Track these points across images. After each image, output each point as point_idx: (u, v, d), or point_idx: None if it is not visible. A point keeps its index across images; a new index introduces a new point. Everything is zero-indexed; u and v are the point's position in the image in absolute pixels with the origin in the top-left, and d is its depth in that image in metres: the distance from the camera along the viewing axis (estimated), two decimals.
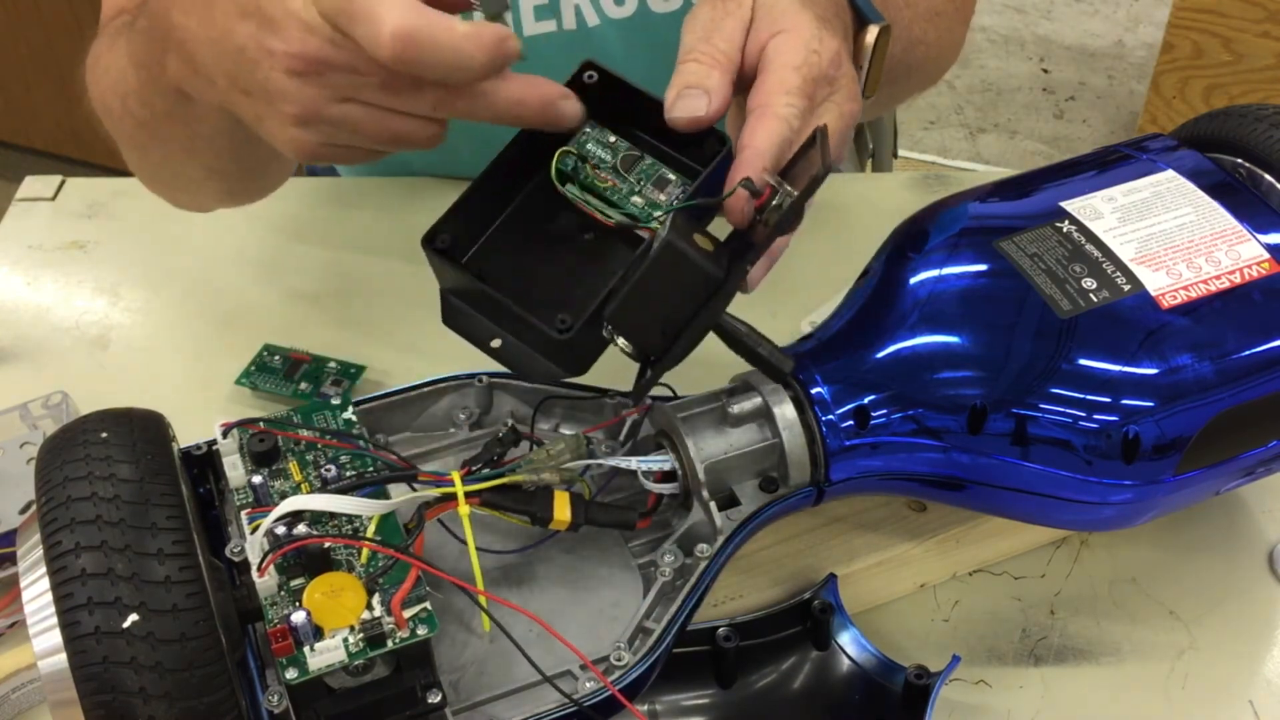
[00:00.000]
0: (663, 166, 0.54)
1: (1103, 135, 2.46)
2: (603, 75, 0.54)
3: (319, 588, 0.48)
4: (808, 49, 0.54)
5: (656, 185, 0.54)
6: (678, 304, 0.49)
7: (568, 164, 0.54)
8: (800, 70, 0.53)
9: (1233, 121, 0.64)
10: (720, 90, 0.53)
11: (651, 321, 0.49)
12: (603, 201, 0.54)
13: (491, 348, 0.54)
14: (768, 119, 0.52)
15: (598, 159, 0.54)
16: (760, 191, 0.50)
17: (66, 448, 0.47)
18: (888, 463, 0.58)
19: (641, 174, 0.54)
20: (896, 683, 0.59)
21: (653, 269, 0.48)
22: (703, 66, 0.53)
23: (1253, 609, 0.66)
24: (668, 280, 0.48)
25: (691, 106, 0.52)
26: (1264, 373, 0.56)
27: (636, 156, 0.54)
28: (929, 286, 0.59)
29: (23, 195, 0.93)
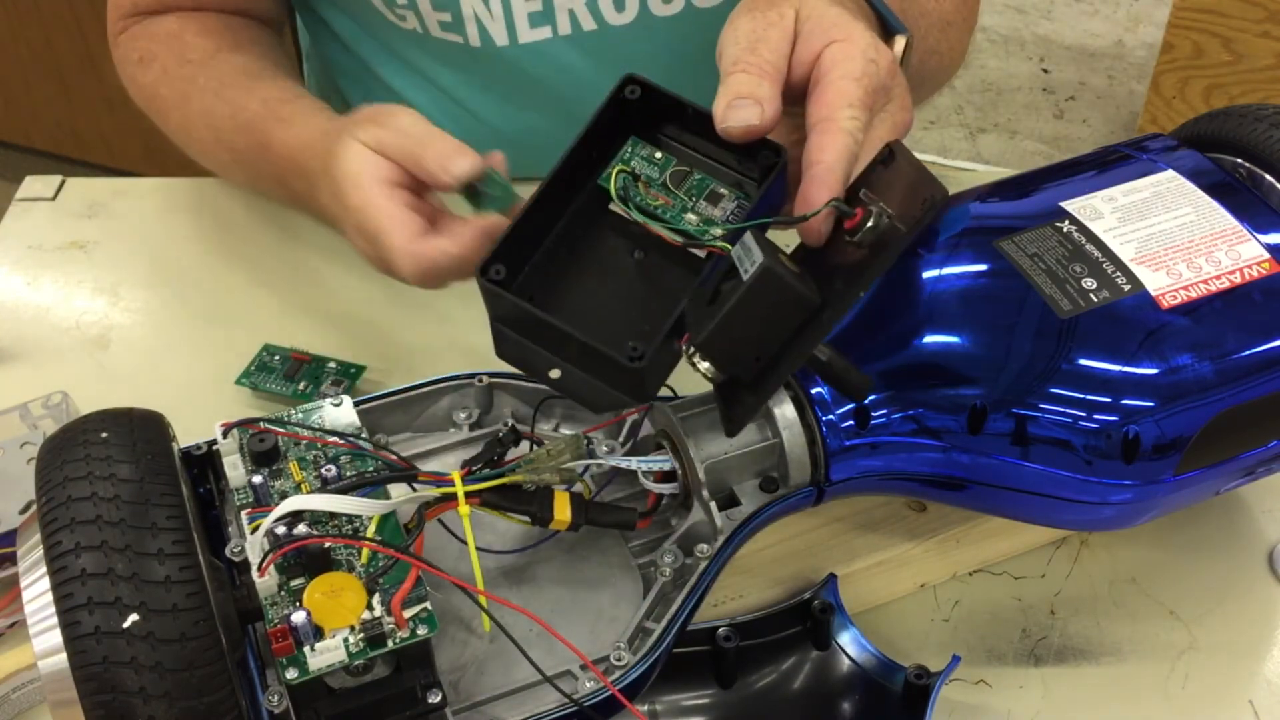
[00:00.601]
0: (713, 181, 0.53)
1: (1103, 135, 2.46)
2: (645, 89, 0.52)
3: (319, 588, 0.48)
4: (865, 58, 0.53)
5: (709, 200, 0.53)
6: (774, 330, 0.47)
7: (621, 183, 0.52)
8: (861, 82, 0.53)
9: (1233, 121, 0.64)
10: (772, 100, 0.52)
11: (745, 348, 0.47)
12: (656, 220, 0.52)
13: (551, 378, 0.52)
14: (834, 133, 0.51)
15: (647, 177, 0.53)
16: (851, 213, 0.49)
17: (66, 448, 0.47)
18: (888, 463, 0.58)
19: (691, 189, 0.53)
20: (896, 683, 0.59)
21: (749, 295, 0.46)
22: (752, 77, 0.52)
23: (1253, 609, 0.66)
24: (765, 305, 0.46)
25: (745, 116, 0.51)
26: (1264, 373, 0.56)
27: (685, 172, 0.53)
28: (929, 287, 0.59)
29: (23, 195, 0.93)
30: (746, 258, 0.47)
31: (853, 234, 0.49)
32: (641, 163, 0.53)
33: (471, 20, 0.83)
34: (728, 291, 0.47)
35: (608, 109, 0.53)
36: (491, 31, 0.83)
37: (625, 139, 0.53)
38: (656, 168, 0.53)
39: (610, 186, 0.52)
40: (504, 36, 0.84)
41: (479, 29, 0.83)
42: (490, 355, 0.54)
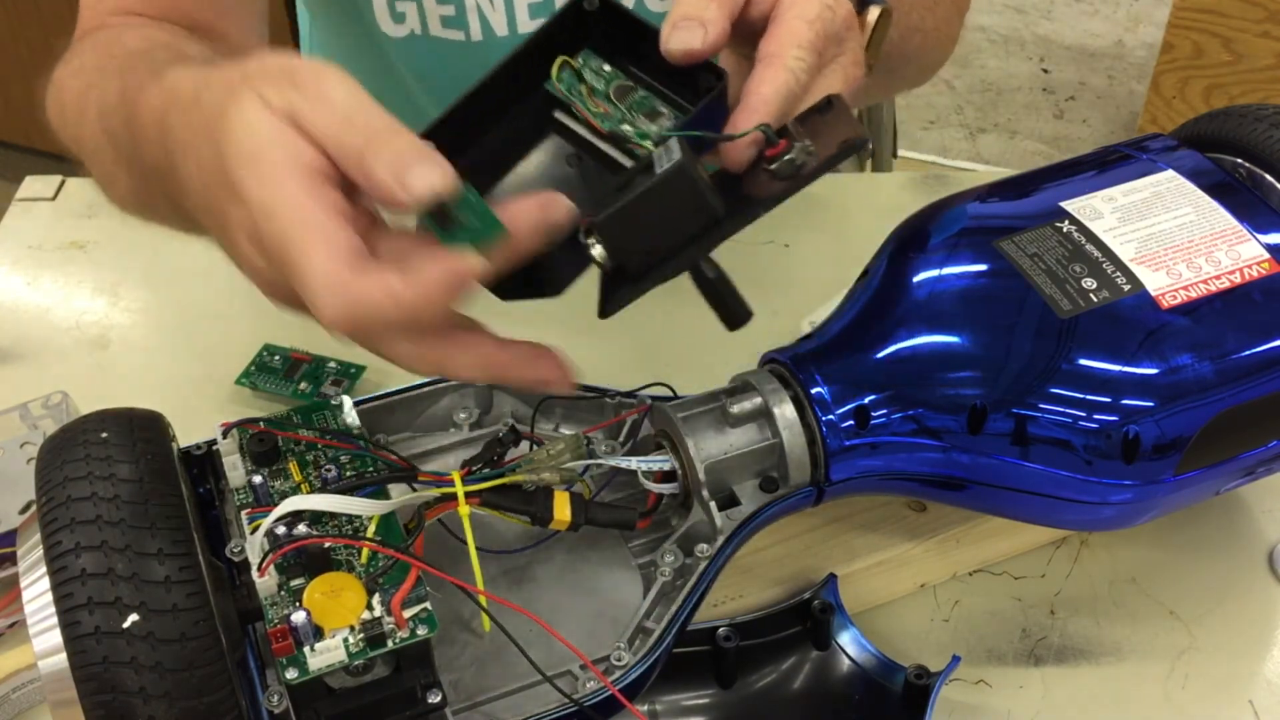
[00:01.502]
0: (655, 99, 0.53)
1: (1103, 135, 2.46)
2: (603, 3, 0.52)
3: (319, 588, 0.48)
4: (822, 4, 0.53)
5: (648, 116, 0.53)
6: (672, 229, 0.47)
7: (564, 80, 0.53)
8: (814, 25, 0.52)
9: (1233, 121, 0.64)
10: (717, 22, 0.51)
11: (640, 239, 0.47)
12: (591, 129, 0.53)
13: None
14: (776, 69, 0.51)
15: (590, 85, 0.53)
16: (775, 141, 0.49)
17: (66, 448, 0.47)
18: (888, 462, 0.58)
19: (634, 104, 0.53)
20: (896, 683, 0.59)
21: (659, 188, 0.46)
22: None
23: (1253, 609, 0.66)
24: (670, 202, 0.46)
25: (686, 39, 0.50)
26: (1264, 373, 0.56)
27: (629, 87, 0.53)
28: (929, 286, 0.59)
29: (23, 195, 0.93)
30: (666, 157, 0.47)
31: (771, 163, 0.50)
32: (590, 73, 0.53)
33: (473, 11, 0.83)
34: (637, 182, 0.47)
35: (564, 17, 0.53)
36: (493, 22, 0.83)
37: (580, 48, 0.54)
38: (603, 79, 0.53)
39: (553, 75, 0.52)
40: (504, 27, 0.84)
41: (480, 20, 0.83)
42: None
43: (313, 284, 0.42)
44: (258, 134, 0.43)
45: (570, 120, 0.53)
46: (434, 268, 0.43)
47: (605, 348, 0.79)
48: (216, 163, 0.45)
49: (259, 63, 0.46)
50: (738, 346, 0.64)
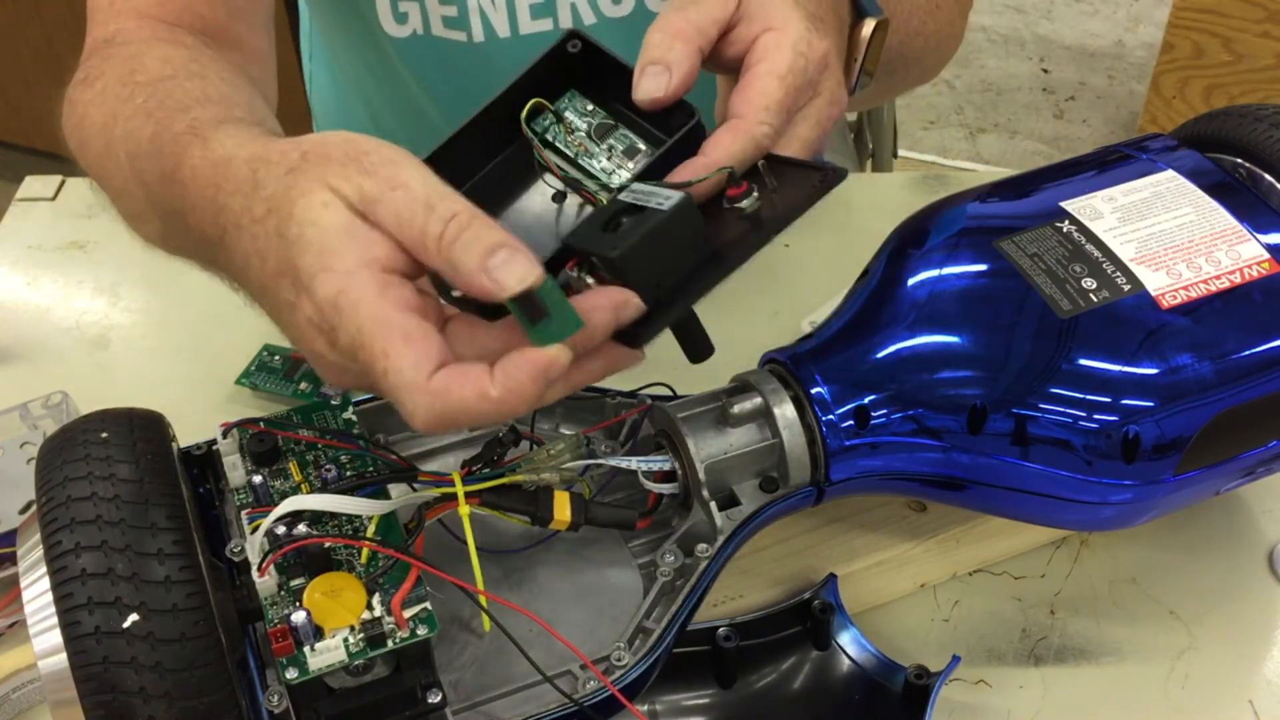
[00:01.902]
0: (635, 137, 0.54)
1: (1103, 135, 2.46)
2: (585, 45, 0.54)
3: (319, 588, 0.48)
4: (795, 52, 0.53)
5: (626, 154, 0.54)
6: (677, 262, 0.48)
7: (542, 124, 0.54)
8: (785, 79, 0.52)
9: (1233, 121, 0.64)
10: (682, 63, 0.52)
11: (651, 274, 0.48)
12: (569, 164, 0.54)
13: (453, 295, 0.52)
14: (739, 134, 0.52)
15: (572, 124, 0.54)
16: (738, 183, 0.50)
17: (66, 448, 0.47)
18: (888, 462, 0.58)
19: (613, 142, 0.54)
20: (896, 683, 0.59)
21: (669, 221, 0.47)
22: (665, 37, 0.52)
23: (1253, 609, 0.66)
24: (677, 235, 0.47)
25: (651, 87, 0.51)
26: (1264, 373, 0.56)
27: (611, 126, 0.54)
28: (929, 286, 0.59)
29: (23, 195, 0.93)
30: (653, 196, 0.48)
31: (731, 202, 0.50)
32: (573, 113, 0.55)
33: (475, 12, 0.83)
34: (644, 217, 0.47)
35: (548, 60, 0.54)
36: (494, 23, 0.83)
37: (565, 90, 0.55)
38: (586, 119, 0.55)
39: (522, 117, 0.54)
40: (506, 28, 0.84)
41: (482, 20, 0.83)
42: None
43: (402, 390, 0.42)
44: (328, 230, 0.43)
45: (552, 160, 0.54)
46: (523, 368, 0.43)
47: None
48: (282, 253, 0.45)
49: (320, 143, 0.46)
50: (738, 347, 0.64)
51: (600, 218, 0.49)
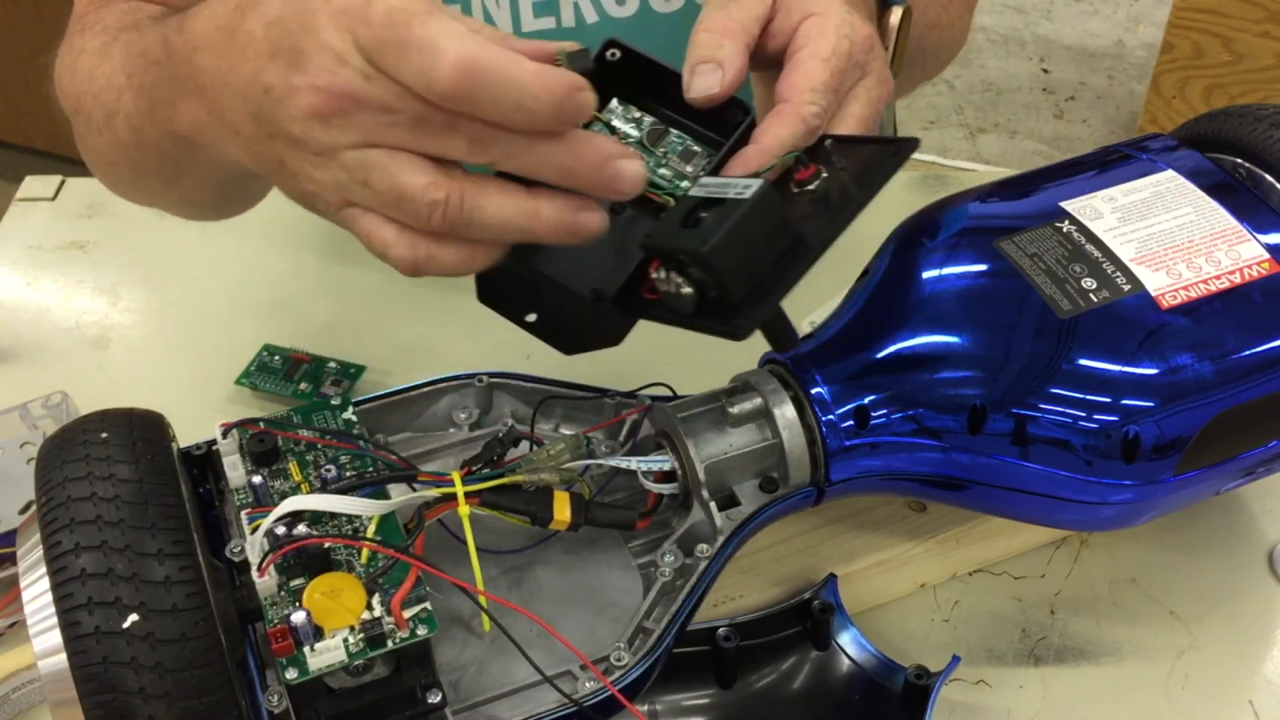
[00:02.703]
0: (688, 139, 0.54)
1: (1103, 135, 2.46)
2: (625, 52, 0.54)
3: (319, 588, 0.48)
4: (839, 35, 0.53)
5: (683, 158, 0.54)
6: (766, 251, 0.48)
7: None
8: (830, 62, 0.53)
9: (1233, 121, 0.64)
10: (733, 60, 0.52)
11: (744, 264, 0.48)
12: None
13: (527, 322, 0.54)
14: (787, 117, 0.52)
15: (623, 134, 0.54)
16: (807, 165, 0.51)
17: (66, 448, 0.47)
18: (888, 463, 0.58)
19: (668, 147, 0.54)
20: (896, 683, 0.59)
21: (754, 209, 0.47)
22: (713, 36, 0.53)
23: (1253, 609, 0.66)
24: (764, 223, 0.48)
25: (705, 85, 0.52)
26: (1264, 373, 0.56)
27: (662, 131, 0.54)
28: (929, 287, 0.59)
29: (23, 195, 0.93)
30: (729, 188, 0.48)
31: (801, 185, 0.51)
32: (621, 121, 0.54)
33: (478, 9, 0.83)
34: (726, 208, 0.47)
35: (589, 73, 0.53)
36: (496, 19, 0.83)
37: (608, 100, 0.55)
38: (635, 126, 0.55)
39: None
40: (508, 25, 0.84)
41: (484, 17, 0.83)
42: (490, 355, 0.54)
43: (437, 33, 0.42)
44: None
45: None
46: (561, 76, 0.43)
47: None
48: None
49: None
50: (738, 347, 0.64)
51: (676, 215, 0.49)
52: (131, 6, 0.70)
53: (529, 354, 0.78)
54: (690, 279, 0.48)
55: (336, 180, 0.47)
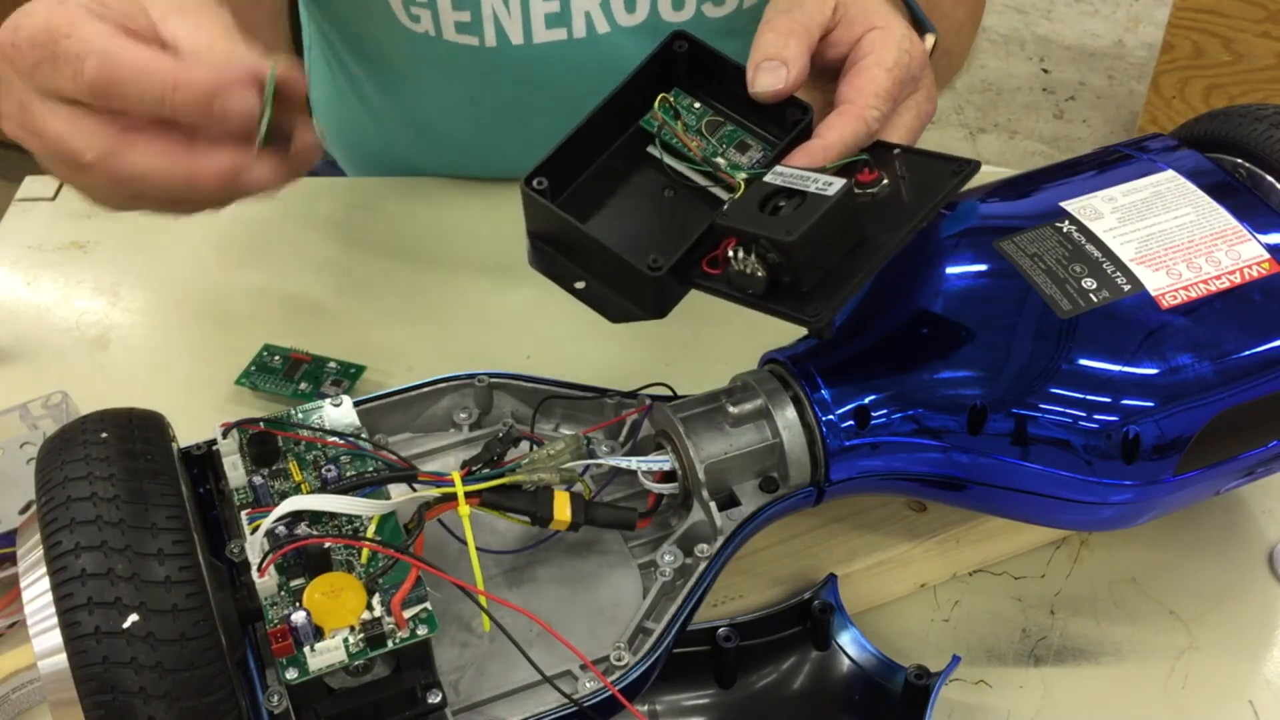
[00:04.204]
0: (743, 132, 0.57)
1: (1103, 135, 2.46)
2: (692, 44, 0.57)
3: (319, 588, 0.48)
4: (900, 49, 0.56)
5: (738, 149, 0.57)
6: (837, 245, 0.51)
7: (653, 124, 0.57)
8: (892, 72, 0.56)
9: (1233, 122, 0.64)
10: (798, 58, 0.55)
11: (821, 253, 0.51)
12: (686, 162, 0.57)
13: (576, 289, 0.56)
14: (850, 117, 0.55)
15: (685, 121, 0.57)
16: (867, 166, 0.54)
17: (66, 448, 0.47)
18: (888, 463, 0.58)
19: (724, 138, 0.57)
20: (896, 683, 0.59)
21: (838, 205, 0.50)
22: (779, 36, 0.56)
23: (1253, 609, 0.66)
24: (841, 219, 0.51)
25: (770, 81, 0.55)
26: (1264, 373, 0.56)
27: (719, 122, 0.57)
28: (929, 286, 0.59)
29: (23, 195, 0.93)
30: (809, 181, 0.51)
31: (864, 188, 0.54)
32: (683, 110, 0.58)
33: (490, 20, 0.83)
34: (810, 201, 0.50)
35: (655, 60, 0.57)
36: (508, 31, 0.83)
37: (669, 88, 0.58)
38: (694, 116, 0.58)
39: (655, 107, 0.57)
40: (520, 36, 0.84)
41: (496, 28, 0.83)
42: (490, 356, 0.54)
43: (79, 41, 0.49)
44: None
45: (664, 154, 0.57)
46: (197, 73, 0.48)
47: (606, 348, 0.79)
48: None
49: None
50: (738, 347, 0.64)
51: (753, 200, 0.52)
52: None
53: (529, 354, 0.78)
54: (766, 263, 0.50)
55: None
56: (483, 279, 0.84)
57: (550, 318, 0.81)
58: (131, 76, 0.48)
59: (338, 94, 1.00)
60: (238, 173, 0.50)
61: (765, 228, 0.50)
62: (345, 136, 1.04)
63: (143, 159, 0.50)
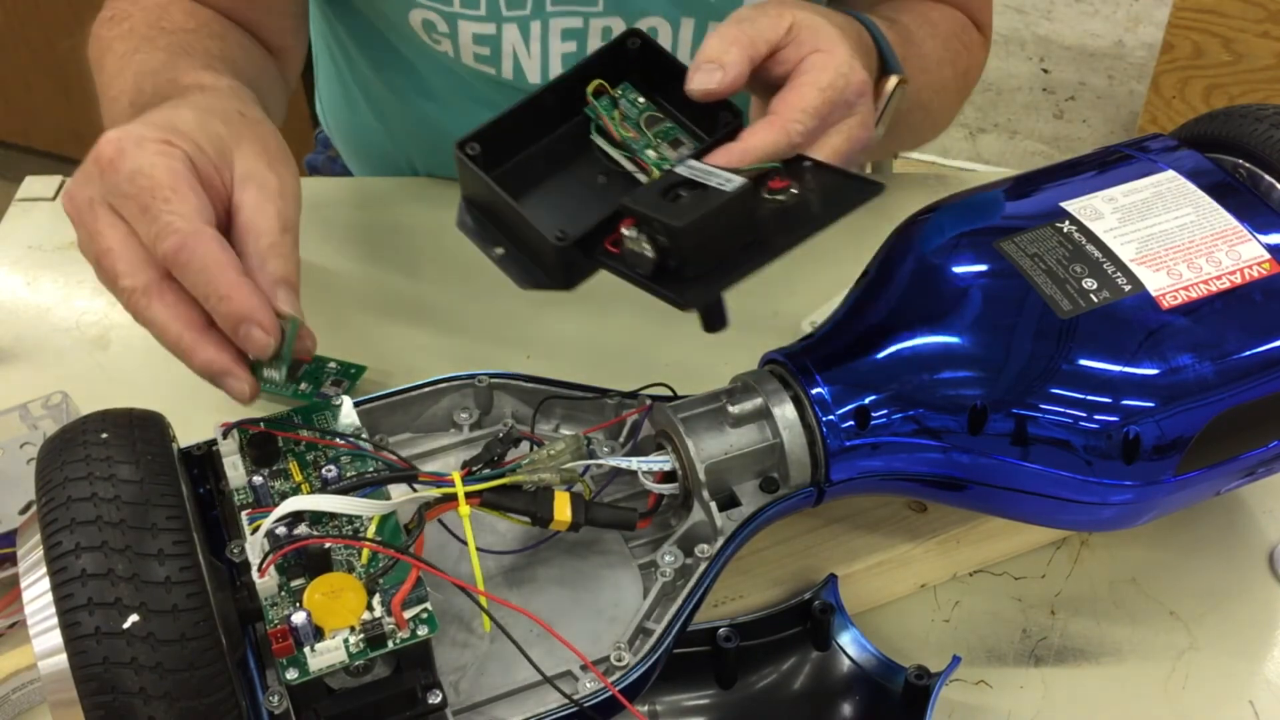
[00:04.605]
0: (679, 131, 0.60)
1: (1103, 135, 2.46)
2: (644, 42, 0.61)
3: (319, 588, 0.48)
4: (837, 72, 0.59)
5: (671, 145, 0.60)
6: (729, 240, 0.54)
7: (601, 103, 0.61)
8: (825, 92, 0.59)
9: (1233, 122, 0.64)
10: (735, 64, 0.58)
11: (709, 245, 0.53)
12: (620, 150, 0.60)
13: (495, 254, 0.59)
14: (774, 127, 0.57)
15: (624, 111, 0.61)
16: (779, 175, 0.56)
17: (67, 448, 0.47)
18: (888, 463, 0.58)
19: (660, 133, 0.60)
20: (897, 683, 0.59)
21: (733, 201, 0.52)
22: (723, 42, 0.59)
23: (1253, 609, 0.66)
24: (735, 215, 0.53)
25: (704, 80, 0.58)
26: (1264, 373, 0.56)
27: (658, 118, 0.61)
28: (929, 287, 0.59)
29: (23, 195, 0.93)
30: (712, 176, 0.54)
31: (772, 194, 0.56)
32: (626, 102, 0.61)
33: (509, 57, 0.84)
34: (707, 194, 0.53)
35: (607, 53, 0.61)
36: (525, 70, 0.84)
37: (619, 83, 0.61)
38: (636, 109, 0.61)
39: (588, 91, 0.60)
40: (536, 75, 0.85)
41: (514, 65, 0.84)
42: (490, 356, 0.54)
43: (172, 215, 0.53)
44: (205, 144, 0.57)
45: (603, 142, 0.61)
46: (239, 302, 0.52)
47: (606, 348, 0.79)
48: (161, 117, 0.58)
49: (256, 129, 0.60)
50: (738, 347, 0.64)
51: (658, 186, 0.54)
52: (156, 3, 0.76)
53: (529, 354, 0.78)
54: (656, 245, 0.53)
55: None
56: (483, 279, 0.84)
57: (550, 318, 0.81)
58: (197, 269, 0.52)
59: (344, 91, 1.00)
60: (225, 374, 0.54)
61: (659, 212, 0.52)
62: (350, 134, 1.04)
63: (161, 313, 0.53)
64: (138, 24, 0.74)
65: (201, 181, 0.55)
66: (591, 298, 0.61)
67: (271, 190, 0.56)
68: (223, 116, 0.58)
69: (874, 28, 0.70)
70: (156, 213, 0.53)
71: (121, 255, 0.54)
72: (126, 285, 0.54)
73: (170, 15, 0.75)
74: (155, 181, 0.53)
